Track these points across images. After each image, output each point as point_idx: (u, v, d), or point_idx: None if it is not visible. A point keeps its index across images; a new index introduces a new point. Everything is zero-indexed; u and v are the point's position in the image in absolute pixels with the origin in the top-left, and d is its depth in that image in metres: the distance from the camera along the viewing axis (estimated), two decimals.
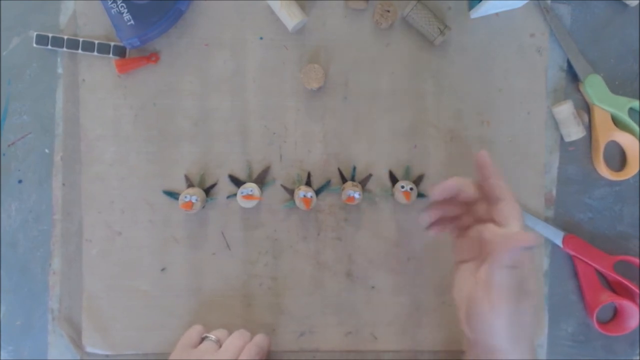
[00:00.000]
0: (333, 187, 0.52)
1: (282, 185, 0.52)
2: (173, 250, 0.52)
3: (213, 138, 0.52)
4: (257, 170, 0.52)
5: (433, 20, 0.51)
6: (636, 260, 0.52)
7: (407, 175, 0.52)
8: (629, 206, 0.54)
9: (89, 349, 0.52)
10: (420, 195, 0.52)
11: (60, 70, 0.52)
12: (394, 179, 0.52)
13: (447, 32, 0.51)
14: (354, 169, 0.52)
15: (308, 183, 0.52)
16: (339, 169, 0.53)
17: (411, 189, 0.50)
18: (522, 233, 0.40)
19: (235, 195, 0.51)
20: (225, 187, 0.52)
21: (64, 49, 0.51)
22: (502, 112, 0.53)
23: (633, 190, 0.54)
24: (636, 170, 0.53)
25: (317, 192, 0.52)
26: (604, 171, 0.53)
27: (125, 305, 0.52)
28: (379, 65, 0.53)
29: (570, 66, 0.54)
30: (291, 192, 0.52)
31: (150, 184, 0.52)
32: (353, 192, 0.50)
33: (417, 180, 0.52)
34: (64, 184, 0.52)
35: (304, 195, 0.50)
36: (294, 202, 0.51)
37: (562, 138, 0.53)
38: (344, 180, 0.52)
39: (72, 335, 0.52)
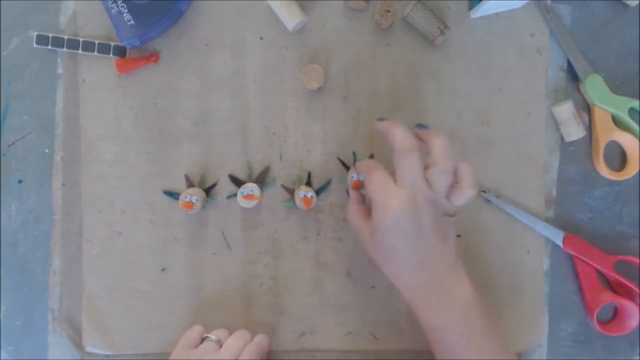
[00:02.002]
0: (339, 179, 0.52)
1: (282, 185, 0.52)
2: (173, 250, 0.52)
3: (213, 138, 0.52)
4: (257, 170, 0.52)
5: (433, 20, 0.51)
6: (636, 260, 0.52)
7: None
8: (629, 206, 0.54)
9: (89, 349, 0.52)
10: None
11: (60, 70, 0.52)
12: None
13: (447, 32, 0.51)
14: (354, 154, 0.52)
15: (308, 183, 0.52)
16: (338, 158, 0.52)
17: None
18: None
19: (235, 195, 0.51)
20: (225, 187, 0.52)
21: (64, 49, 0.51)
22: (502, 112, 0.53)
23: (633, 190, 0.54)
24: (636, 170, 0.53)
25: (318, 192, 0.52)
26: (604, 171, 0.53)
27: (125, 305, 0.52)
28: (379, 65, 0.53)
29: (570, 66, 0.54)
30: (291, 192, 0.52)
31: (150, 184, 0.52)
32: (357, 175, 0.50)
33: None
34: (64, 184, 0.52)
35: (305, 195, 0.50)
36: (294, 202, 0.51)
37: (562, 138, 0.53)
38: (346, 168, 0.52)
39: (72, 335, 0.52)
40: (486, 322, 0.43)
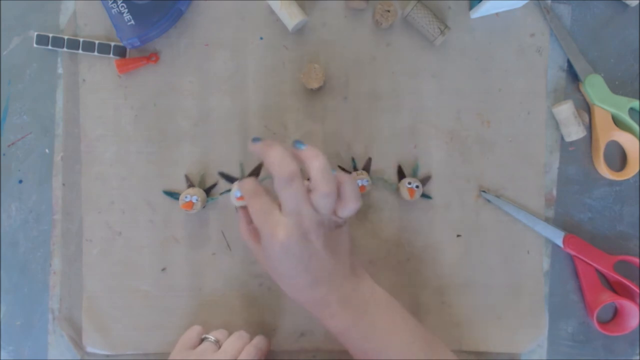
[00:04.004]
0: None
1: None
2: (173, 250, 0.52)
3: (213, 138, 0.52)
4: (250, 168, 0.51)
5: (433, 20, 0.51)
6: (636, 260, 0.52)
7: (414, 174, 0.53)
8: (629, 206, 0.54)
9: (89, 349, 0.52)
10: (424, 195, 0.52)
11: (60, 71, 0.52)
12: (401, 174, 0.52)
13: (447, 32, 0.51)
14: (353, 159, 0.52)
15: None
16: (339, 167, 0.52)
17: (417, 186, 0.50)
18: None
19: (229, 191, 0.51)
20: (225, 187, 0.52)
21: (64, 49, 0.51)
22: (502, 112, 0.53)
23: (633, 190, 0.54)
24: (636, 170, 0.53)
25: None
26: (604, 171, 0.53)
27: (125, 305, 0.52)
28: (379, 65, 0.53)
29: (570, 66, 0.54)
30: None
31: (150, 184, 0.52)
32: (361, 180, 0.50)
33: (424, 181, 0.52)
34: (64, 184, 0.52)
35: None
36: None
37: (562, 138, 0.53)
38: (230, 181, 0.52)
39: (72, 335, 0.52)
40: (393, 317, 0.44)
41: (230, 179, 0.51)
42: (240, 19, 0.52)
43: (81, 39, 0.51)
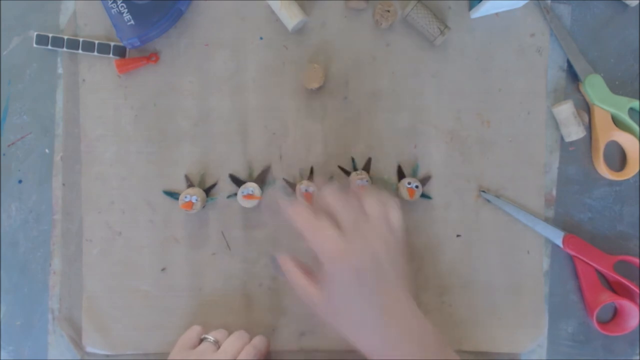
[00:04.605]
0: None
1: (284, 180, 0.52)
2: (173, 250, 0.52)
3: (213, 138, 0.52)
4: (257, 170, 0.52)
5: (433, 20, 0.51)
6: (636, 260, 0.52)
7: (414, 174, 0.53)
8: (629, 206, 0.54)
9: (89, 349, 0.52)
10: (424, 195, 0.52)
11: (60, 70, 0.52)
12: (401, 175, 0.52)
13: (447, 32, 0.51)
14: (353, 159, 0.52)
15: (310, 179, 0.52)
16: (339, 167, 0.52)
17: (417, 186, 0.50)
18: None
19: (235, 195, 0.51)
20: (225, 187, 0.52)
21: (64, 49, 0.51)
22: (502, 112, 0.53)
23: (633, 190, 0.54)
24: (636, 170, 0.53)
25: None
26: (604, 171, 0.53)
27: (125, 305, 0.52)
28: (379, 65, 0.53)
29: (570, 66, 0.54)
30: (293, 186, 0.52)
31: (150, 184, 0.52)
32: (360, 181, 0.50)
33: (424, 181, 0.52)
34: (64, 184, 0.52)
35: (306, 190, 0.50)
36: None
37: (562, 138, 0.53)
38: (347, 174, 0.52)
39: (72, 335, 0.52)
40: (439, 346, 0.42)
41: (239, 182, 0.52)
42: (240, 19, 0.52)
43: (81, 39, 0.51)
